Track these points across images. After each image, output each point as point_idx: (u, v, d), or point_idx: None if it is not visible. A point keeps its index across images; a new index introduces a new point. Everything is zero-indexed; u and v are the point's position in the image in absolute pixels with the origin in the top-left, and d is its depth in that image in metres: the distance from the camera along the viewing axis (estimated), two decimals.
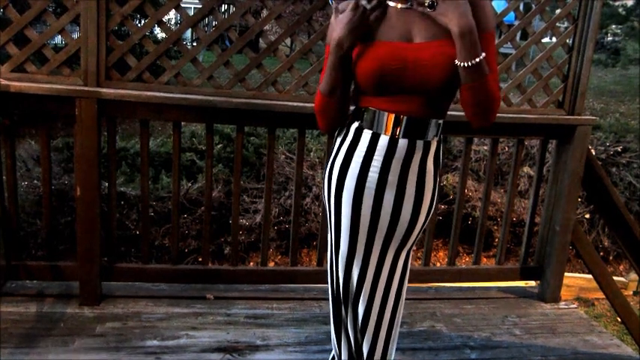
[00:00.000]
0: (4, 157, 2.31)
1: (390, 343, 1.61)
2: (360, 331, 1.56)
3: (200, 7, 2.25)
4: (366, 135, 1.47)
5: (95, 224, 2.29)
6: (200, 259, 4.60)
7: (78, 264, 2.34)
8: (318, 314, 2.47)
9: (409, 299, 2.52)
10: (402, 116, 1.43)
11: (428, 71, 1.38)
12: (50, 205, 2.39)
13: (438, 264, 5.30)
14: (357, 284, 1.53)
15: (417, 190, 1.49)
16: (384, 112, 1.44)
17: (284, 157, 5.49)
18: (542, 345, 2.38)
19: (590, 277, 2.97)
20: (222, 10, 12.40)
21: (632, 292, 5.44)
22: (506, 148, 5.71)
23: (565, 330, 2.52)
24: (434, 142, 1.50)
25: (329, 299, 1.61)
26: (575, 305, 2.81)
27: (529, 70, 2.55)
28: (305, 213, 5.20)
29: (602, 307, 5.19)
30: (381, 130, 1.45)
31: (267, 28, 2.34)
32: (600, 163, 3.24)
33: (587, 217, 5.59)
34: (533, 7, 2.49)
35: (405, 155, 1.45)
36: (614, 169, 5.81)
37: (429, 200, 1.53)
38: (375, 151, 1.46)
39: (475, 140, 4.32)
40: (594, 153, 4.17)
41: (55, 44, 8.19)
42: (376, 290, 1.53)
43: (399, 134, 1.44)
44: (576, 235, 2.75)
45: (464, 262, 5.52)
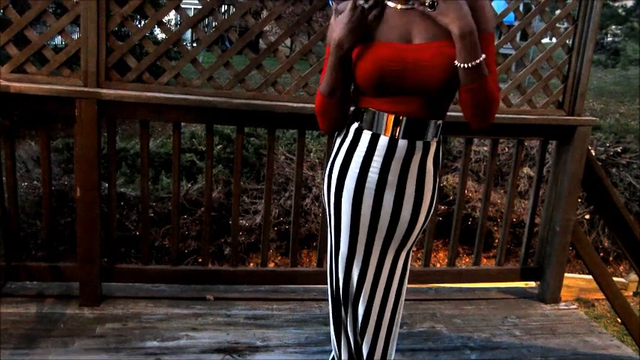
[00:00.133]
0: (4, 157, 2.31)
1: (390, 343, 1.61)
2: (360, 332, 1.56)
3: (200, 7, 2.25)
4: (366, 136, 1.47)
5: (95, 225, 2.29)
6: (200, 259, 4.60)
7: (78, 265, 2.34)
8: (318, 315, 2.47)
9: (409, 300, 2.52)
10: (402, 117, 1.43)
11: (428, 72, 1.38)
12: (50, 206, 2.39)
13: (438, 265, 5.30)
14: (357, 285, 1.53)
15: (416, 191, 1.50)
16: (383, 113, 1.44)
17: (284, 157, 5.49)
18: (542, 346, 2.38)
19: (590, 277, 2.97)
20: (222, 11, 12.42)
21: (632, 293, 5.44)
22: (506, 148, 5.71)
23: (565, 331, 2.52)
24: (433, 143, 1.50)
25: (329, 300, 1.61)
26: (575, 306, 2.81)
27: (529, 71, 2.55)
28: (305, 214, 5.20)
29: (602, 307, 5.19)
30: (381, 131, 1.45)
31: (267, 28, 2.34)
32: (600, 163, 3.24)
33: (587, 217, 5.59)
34: (533, 7, 2.49)
35: (405, 156, 1.45)
36: (614, 169, 5.81)
37: (428, 200, 1.53)
38: (375, 152, 1.46)
39: (475, 141, 4.32)
40: (594, 154, 4.16)
41: (55, 45, 8.18)
42: (376, 291, 1.54)
43: (398, 135, 1.44)
44: (576, 236, 2.75)
45: (464, 263, 5.52)
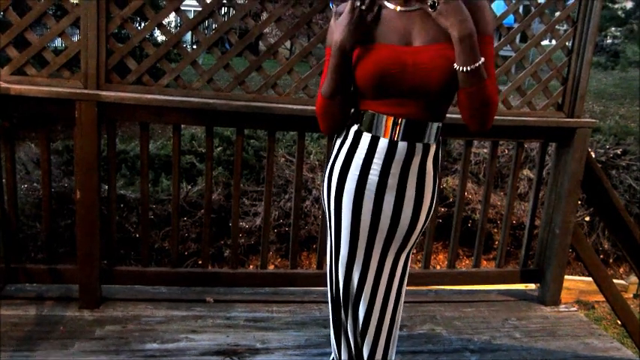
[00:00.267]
0: (3, 159, 2.31)
1: (391, 345, 1.61)
2: (361, 334, 1.56)
3: (200, 9, 2.25)
4: (366, 138, 1.47)
5: (95, 227, 2.29)
6: (200, 261, 4.58)
7: (77, 267, 2.33)
8: (318, 317, 2.47)
9: (409, 302, 2.53)
10: (401, 119, 1.43)
11: (427, 74, 1.38)
12: (50, 208, 2.39)
13: (437, 267, 5.30)
14: (357, 287, 1.53)
15: (416, 193, 1.49)
16: (382, 115, 1.44)
17: (284, 159, 5.50)
18: (543, 348, 2.37)
19: (591, 279, 2.96)
20: (222, 13, 12.44)
21: (632, 295, 5.44)
22: (506, 150, 5.71)
23: (565, 333, 2.52)
24: (433, 145, 1.50)
25: (328, 302, 1.61)
26: (576, 308, 2.81)
27: (529, 73, 2.55)
28: (305, 216, 5.20)
29: (603, 309, 5.18)
30: (380, 133, 1.45)
31: (266, 30, 2.34)
32: (600, 165, 3.24)
33: (587, 219, 5.59)
34: (532, 9, 2.49)
35: (405, 158, 1.45)
36: (613, 171, 5.81)
37: (428, 202, 1.53)
38: (375, 154, 1.46)
39: (475, 143, 4.31)
40: (594, 155, 4.17)
41: (55, 47, 8.19)
42: (377, 293, 1.53)
43: (397, 137, 1.44)
44: (576, 238, 2.75)
45: (464, 265, 5.52)
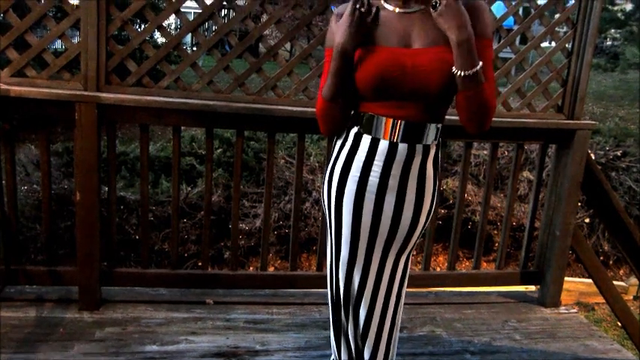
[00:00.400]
0: (3, 161, 2.31)
1: (392, 347, 1.61)
2: (362, 337, 1.56)
3: (200, 11, 2.25)
4: (366, 140, 1.47)
5: (95, 229, 2.29)
6: (200, 263, 4.60)
7: (77, 269, 2.33)
8: (317, 319, 2.47)
9: (409, 304, 2.53)
10: (401, 121, 1.43)
11: (426, 77, 1.38)
12: (50, 210, 2.39)
13: (438, 269, 5.30)
14: (358, 289, 1.53)
15: (417, 194, 1.49)
16: (382, 117, 1.44)
17: (284, 161, 5.50)
18: (543, 350, 2.37)
19: (591, 281, 2.96)
20: (222, 15, 12.43)
21: (632, 297, 5.44)
22: (506, 152, 5.72)
23: (565, 335, 2.51)
24: (433, 146, 1.50)
25: (329, 304, 1.61)
26: (576, 310, 2.81)
27: (528, 75, 2.55)
28: (305, 217, 5.20)
29: (603, 311, 5.18)
30: (380, 135, 1.45)
31: (266, 32, 2.34)
32: (600, 167, 3.24)
33: (586, 221, 5.60)
34: (532, 11, 2.49)
35: (405, 159, 1.46)
36: (613, 173, 5.82)
37: (428, 204, 1.53)
38: (376, 156, 1.46)
39: (475, 145, 4.31)
40: (594, 157, 4.17)
41: (55, 49, 8.20)
42: (377, 295, 1.53)
43: (397, 138, 1.44)
44: (576, 240, 2.75)
45: (464, 267, 5.52)
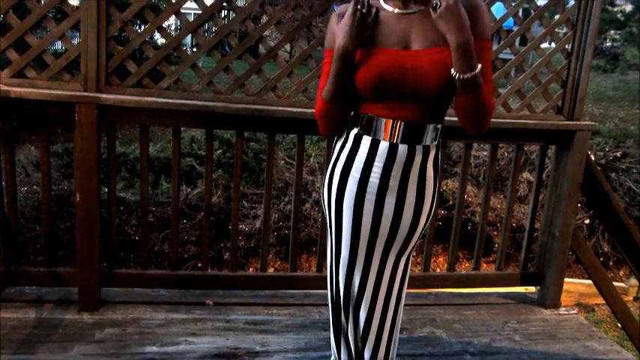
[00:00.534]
0: (3, 162, 2.31)
1: (392, 348, 1.61)
2: (362, 337, 1.56)
3: (200, 13, 2.25)
4: (366, 141, 1.47)
5: (94, 230, 2.29)
6: (199, 264, 4.60)
7: (77, 270, 2.33)
8: (317, 320, 2.47)
9: (409, 305, 2.52)
10: (400, 122, 1.43)
11: (426, 78, 1.38)
12: (49, 211, 2.39)
13: (437, 270, 5.30)
14: (358, 290, 1.53)
15: (417, 195, 1.50)
16: (382, 118, 1.44)
17: (284, 162, 5.50)
18: (543, 351, 2.37)
19: (590, 282, 2.96)
20: (222, 16, 12.42)
21: (632, 298, 5.44)
22: (506, 153, 5.72)
23: (565, 336, 2.51)
24: (433, 147, 1.50)
25: (328, 305, 1.61)
26: (576, 311, 2.81)
27: (528, 76, 2.55)
28: (305, 218, 5.20)
29: (603, 312, 5.18)
30: (380, 136, 1.45)
31: (266, 33, 2.34)
32: (600, 168, 3.24)
33: (586, 222, 5.60)
34: (532, 12, 2.49)
35: (406, 160, 1.46)
36: (613, 174, 5.82)
37: (429, 205, 1.53)
38: (376, 157, 1.46)
39: (474, 146, 4.31)
40: (594, 158, 4.16)
41: (55, 50, 8.19)
42: (378, 296, 1.53)
43: (397, 139, 1.44)
44: (576, 241, 2.75)
45: (464, 268, 5.51)
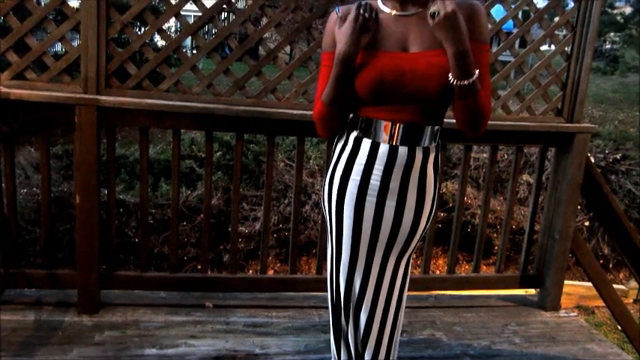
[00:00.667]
0: (3, 164, 2.31)
1: (392, 351, 1.61)
2: (362, 340, 1.55)
3: (200, 15, 2.26)
4: (366, 144, 1.47)
5: (94, 232, 2.29)
6: (199, 266, 4.59)
7: (77, 272, 2.33)
8: (317, 322, 2.47)
9: (409, 307, 2.51)
10: (400, 124, 1.43)
11: (424, 81, 1.38)
12: (49, 213, 2.39)
13: (437, 272, 5.29)
14: (358, 293, 1.52)
15: (417, 197, 1.50)
16: (381, 121, 1.44)
17: (283, 164, 5.50)
18: (543, 353, 2.37)
19: (590, 285, 2.96)
20: (222, 18, 12.43)
21: (632, 300, 5.43)
22: (506, 155, 5.72)
23: (565, 338, 2.51)
24: (433, 149, 1.50)
25: (329, 308, 1.61)
26: (575, 313, 2.80)
27: (528, 78, 2.56)
28: (304, 221, 5.19)
29: (603, 315, 5.17)
30: (380, 139, 1.45)
31: (266, 36, 2.34)
32: (599, 170, 3.24)
33: (586, 224, 5.59)
34: (531, 15, 2.50)
35: (406, 163, 1.46)
36: (613, 176, 5.81)
37: (429, 207, 1.53)
38: (376, 160, 1.46)
39: (474, 148, 4.32)
40: (593, 161, 4.17)
41: (56, 52, 8.19)
42: (378, 299, 1.53)
43: (397, 142, 1.44)
44: (576, 243, 2.75)
45: (463, 270, 5.51)
